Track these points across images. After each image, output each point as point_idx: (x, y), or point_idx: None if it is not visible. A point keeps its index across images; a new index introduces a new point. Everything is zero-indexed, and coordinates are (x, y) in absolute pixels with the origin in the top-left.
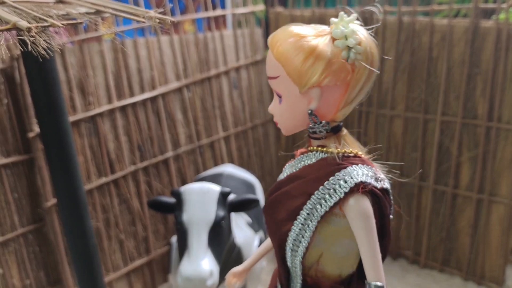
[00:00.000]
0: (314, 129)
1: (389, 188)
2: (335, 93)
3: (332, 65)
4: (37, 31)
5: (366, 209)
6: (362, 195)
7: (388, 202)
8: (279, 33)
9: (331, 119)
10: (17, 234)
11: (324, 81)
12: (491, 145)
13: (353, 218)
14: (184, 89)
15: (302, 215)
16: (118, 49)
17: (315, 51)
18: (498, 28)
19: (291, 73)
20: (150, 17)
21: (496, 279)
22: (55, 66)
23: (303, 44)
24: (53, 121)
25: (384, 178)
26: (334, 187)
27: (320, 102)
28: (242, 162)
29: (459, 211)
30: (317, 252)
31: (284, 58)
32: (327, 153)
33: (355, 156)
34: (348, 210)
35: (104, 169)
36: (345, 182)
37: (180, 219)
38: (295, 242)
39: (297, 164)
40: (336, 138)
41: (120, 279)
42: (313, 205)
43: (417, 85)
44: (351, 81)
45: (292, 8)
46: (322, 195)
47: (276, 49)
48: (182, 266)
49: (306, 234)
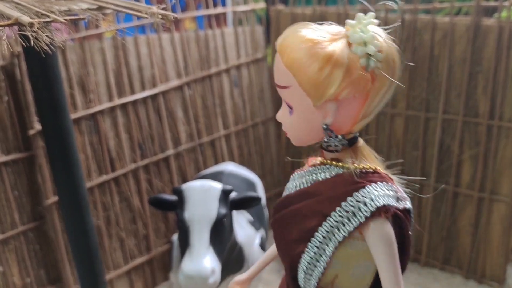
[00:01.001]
0: (329, 143)
1: (411, 208)
2: (353, 106)
3: (351, 75)
4: (40, 27)
5: (389, 234)
6: (384, 220)
7: (409, 222)
8: (289, 37)
9: (347, 131)
10: (18, 232)
11: (342, 93)
12: (492, 143)
13: (375, 244)
14: (185, 86)
15: (317, 237)
16: (118, 47)
17: (332, 58)
18: (499, 26)
19: (305, 84)
20: (153, 13)
21: (497, 278)
22: (57, 63)
23: (318, 51)
24: (55, 118)
25: (405, 197)
26: (353, 210)
27: (336, 115)
28: (243, 160)
29: (460, 210)
30: (332, 274)
31: (296, 66)
32: (342, 168)
33: (374, 172)
34: (369, 235)
35: (104, 167)
36: (365, 205)
37: (182, 217)
38: (309, 265)
39: (308, 176)
40: (352, 151)
41: (120, 277)
42: (330, 229)
43: (418, 83)
44: (371, 91)
45: (293, 6)
46: (340, 218)
47: (287, 56)
48: (184, 264)
49: (322, 259)
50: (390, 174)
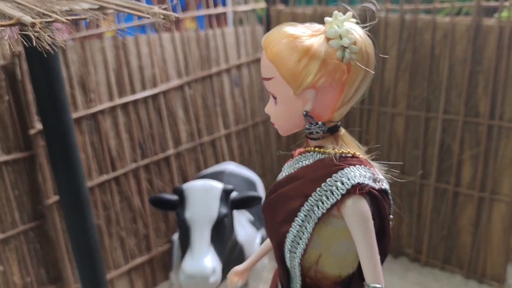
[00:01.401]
0: (311, 130)
1: (388, 189)
2: (330, 94)
3: (327, 65)
4: (41, 27)
5: (364, 210)
6: (359, 197)
7: (387, 203)
8: (273, 33)
9: (328, 119)
10: (18, 231)
11: (318, 82)
12: (493, 143)
13: (351, 220)
14: (186, 86)
15: (300, 216)
16: (119, 46)
17: (309, 51)
18: (500, 26)
19: (285, 74)
20: (154, 13)
21: (498, 277)
22: (58, 63)
23: (296, 44)
24: (56, 118)
25: (382, 179)
26: (331, 189)
27: (315, 103)
28: (243, 159)
29: (461, 209)
30: (316, 253)
31: (277, 59)
32: (324, 154)
33: (353, 157)
34: (345, 212)
35: (105, 166)
36: (342, 183)
37: (183, 216)
38: (293, 243)
39: (295, 164)
40: (334, 138)
41: (121, 277)
42: (310, 207)
43: (419, 83)
44: (347, 81)
45: (294, 6)
46: (319, 196)
47: (270, 50)
48: (184, 263)
49: (304, 236)
50: (369, 160)
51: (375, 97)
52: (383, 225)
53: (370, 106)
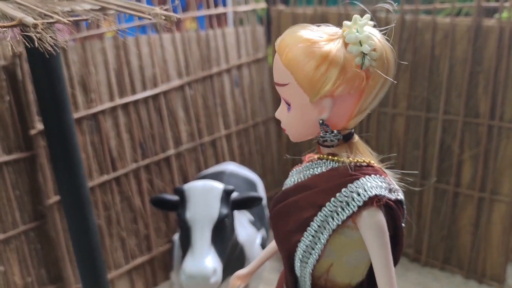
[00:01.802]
0: (325, 138)
1: (403, 199)
2: (348, 102)
3: (346, 73)
4: (43, 27)
5: (380, 223)
6: (376, 209)
7: (401, 213)
8: (288, 37)
9: (343, 127)
10: (19, 232)
11: (337, 90)
12: (493, 143)
13: (367, 232)
14: (186, 86)
15: (313, 226)
16: (120, 47)
17: (328, 57)
18: (500, 26)
19: (302, 82)
20: (156, 14)
21: (497, 278)
22: (60, 63)
23: (314, 50)
24: (57, 118)
25: (397, 189)
26: (347, 200)
27: (332, 111)
28: (244, 160)
29: (461, 210)
30: (328, 263)
31: (294, 65)
32: (338, 162)
33: (368, 166)
34: (361, 224)
35: (105, 166)
36: (358, 195)
37: (184, 216)
38: (305, 253)
39: (305, 171)
40: (348, 146)
41: (121, 277)
42: (325, 218)
43: (419, 83)
44: (365, 89)
45: (294, 6)
46: (334, 207)
47: (285, 55)
48: (185, 263)
49: (317, 246)
50: (383, 168)
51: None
52: (397, 234)
53: None
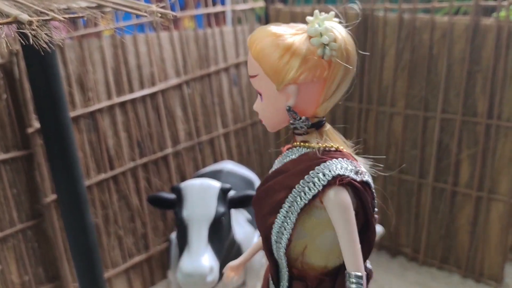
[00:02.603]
0: (295, 125)
1: (370, 181)
2: (312, 89)
3: (307, 62)
4: (39, 25)
5: (344, 200)
6: (340, 188)
7: (369, 195)
8: (257, 32)
9: (312, 115)
10: (16, 230)
11: (300, 77)
12: (490, 142)
13: (332, 210)
14: (184, 85)
15: (284, 208)
16: (117, 45)
17: (291, 48)
18: (498, 25)
19: (268, 71)
20: (152, 11)
21: (495, 277)
22: (56, 61)
23: (279, 42)
24: (54, 116)
25: (364, 171)
26: (313, 180)
27: (297, 98)
28: (242, 158)
29: (459, 209)
30: (302, 244)
31: (261, 56)
32: (309, 148)
33: (336, 151)
34: (327, 202)
35: (103, 165)
36: (323, 175)
37: (180, 215)
38: (278, 234)
39: (284, 159)
40: (319, 133)
41: (119, 276)
42: (294, 198)
43: (417, 82)
44: (328, 77)
45: (292, 5)
46: (302, 188)
47: (254, 48)
48: (182, 262)
49: (287, 226)
50: (353, 154)
51: (373, 97)
52: (367, 217)
53: (369, 106)
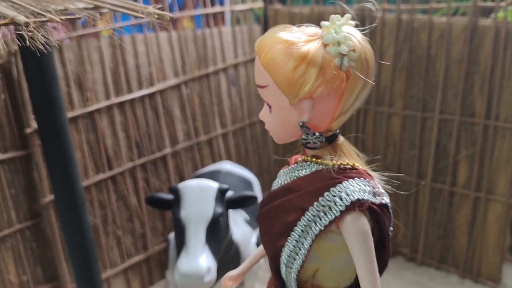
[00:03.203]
0: (308, 140)
1: (388, 203)
2: (328, 104)
3: (325, 74)
4: (35, 26)
5: (363, 227)
6: (359, 213)
7: (387, 217)
8: (266, 38)
9: (326, 129)
10: (14, 230)
11: (316, 91)
12: (488, 143)
13: (349, 237)
14: (182, 85)
15: (296, 231)
16: (116, 45)
17: (306, 58)
18: (496, 26)
19: (280, 83)
20: (149, 12)
21: (493, 277)
22: (53, 62)
23: (292, 51)
24: (51, 117)
25: (383, 193)
26: (329, 205)
27: (312, 113)
28: (240, 159)
29: (456, 209)
30: (313, 268)
31: (271, 66)
32: (321, 165)
33: (352, 169)
34: (344, 229)
35: (101, 165)
36: (341, 199)
37: (178, 215)
38: (289, 258)
39: (291, 173)
40: (332, 148)
41: (117, 276)
42: (308, 223)
43: (415, 83)
44: (346, 90)
45: (291, 6)
46: (317, 212)
47: (264, 56)
48: (179, 262)
49: (300, 252)
50: (369, 171)
51: (371, 97)
52: (383, 238)
53: (367, 106)
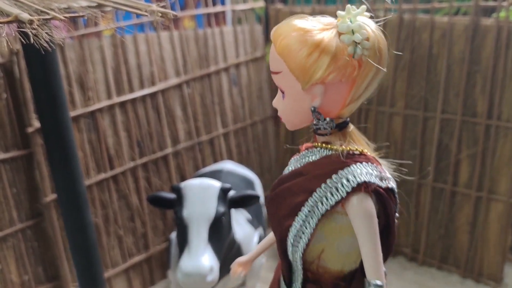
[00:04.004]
0: (318, 125)
1: (395, 188)
2: (340, 90)
3: (337, 61)
4: (39, 24)
5: (368, 208)
6: (365, 195)
7: (393, 202)
8: (282, 26)
9: (337, 115)
10: (16, 230)
11: (328, 77)
12: (490, 142)
13: (355, 217)
14: (184, 85)
15: (303, 211)
16: (117, 45)
17: (320, 45)
18: (498, 26)
19: (294, 69)
20: (152, 11)
21: (494, 277)
22: (56, 60)
23: (307, 38)
24: (54, 116)
25: (389, 177)
26: (336, 186)
27: (324, 99)
28: (241, 158)
29: (458, 209)
30: (319, 248)
31: (286, 52)
32: (331, 150)
33: (360, 154)
34: (350, 209)
35: (103, 164)
36: (347, 181)
37: (180, 214)
38: (295, 237)
39: (302, 159)
40: (342, 135)
41: (118, 275)
42: (315, 203)
43: (417, 82)
44: (357, 77)
45: (292, 5)
46: (324, 193)
47: (279, 43)
48: (182, 261)
49: (306, 231)
50: (377, 158)
51: (373, 96)
52: (389, 223)
53: (368, 106)
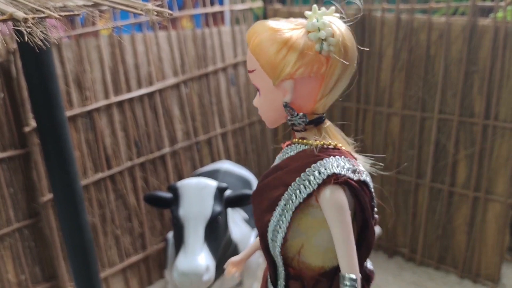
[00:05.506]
0: (293, 121)
1: (368, 181)
2: (310, 85)
3: (304, 57)
4: (34, 22)
5: (339, 200)
6: (336, 187)
7: (366, 195)
8: (256, 27)
9: (311, 111)
10: (13, 229)
11: (296, 72)
12: (487, 143)
13: (327, 209)
14: (182, 85)
15: (280, 205)
16: (115, 44)
17: (288, 43)
18: (495, 26)
19: (265, 66)
20: (148, 10)
21: (492, 277)
22: (52, 60)
23: (276, 36)
24: (49, 115)
25: (362, 170)
26: (309, 178)
27: (294, 94)
28: (239, 158)
29: (456, 209)
30: (298, 243)
31: (258, 50)
32: (307, 145)
33: (334, 148)
34: (322, 201)
35: (100, 164)
36: (319, 173)
37: (177, 214)
38: (273, 232)
39: (283, 156)
40: (317, 130)
41: (116, 275)
42: (289, 196)
43: (414, 83)
44: (326, 73)
45: (290, 5)
46: (298, 186)
47: (252, 42)
48: (178, 261)
49: (282, 225)
50: (353, 153)
51: (370, 97)
52: (365, 217)
53: (366, 106)
